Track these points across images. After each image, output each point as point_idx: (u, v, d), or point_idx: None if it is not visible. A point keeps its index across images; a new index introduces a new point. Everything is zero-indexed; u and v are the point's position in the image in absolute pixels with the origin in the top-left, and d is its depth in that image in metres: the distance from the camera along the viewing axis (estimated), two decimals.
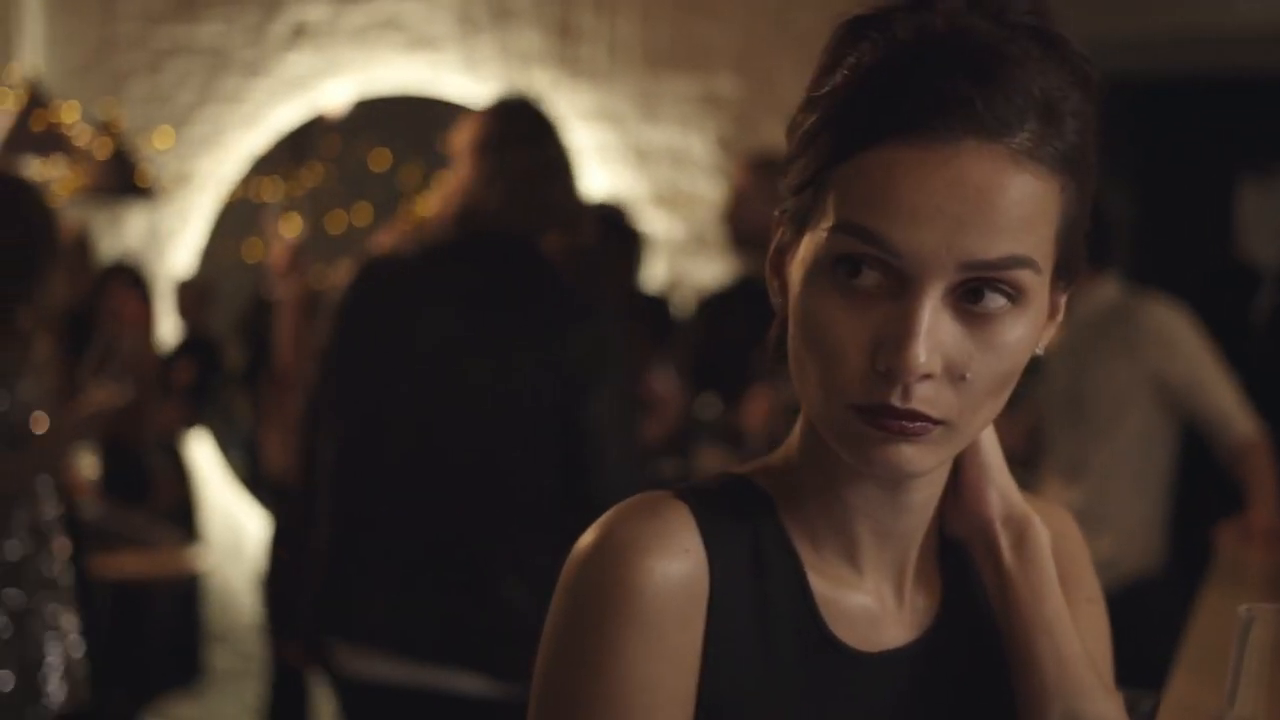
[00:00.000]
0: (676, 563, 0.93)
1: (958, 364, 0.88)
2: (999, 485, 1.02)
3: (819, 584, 0.98)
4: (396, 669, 2.46)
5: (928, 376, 0.88)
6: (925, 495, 1.00)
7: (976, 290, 0.88)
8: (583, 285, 2.63)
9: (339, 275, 2.72)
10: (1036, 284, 0.90)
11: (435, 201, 2.66)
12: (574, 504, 2.42)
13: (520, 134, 2.57)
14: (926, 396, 0.88)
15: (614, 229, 3.76)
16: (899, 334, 0.87)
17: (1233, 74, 6.34)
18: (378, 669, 2.47)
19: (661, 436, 3.38)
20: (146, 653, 4.65)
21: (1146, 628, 3.52)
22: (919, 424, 0.89)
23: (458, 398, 2.46)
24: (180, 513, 5.15)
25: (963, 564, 1.05)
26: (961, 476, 1.03)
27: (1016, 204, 0.87)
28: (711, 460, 3.39)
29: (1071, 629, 1.00)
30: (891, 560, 1.01)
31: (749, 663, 0.95)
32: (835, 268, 0.89)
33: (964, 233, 0.86)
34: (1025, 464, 3.69)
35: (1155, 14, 5.37)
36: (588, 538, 0.95)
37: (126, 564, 4.37)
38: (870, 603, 1.00)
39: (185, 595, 5.04)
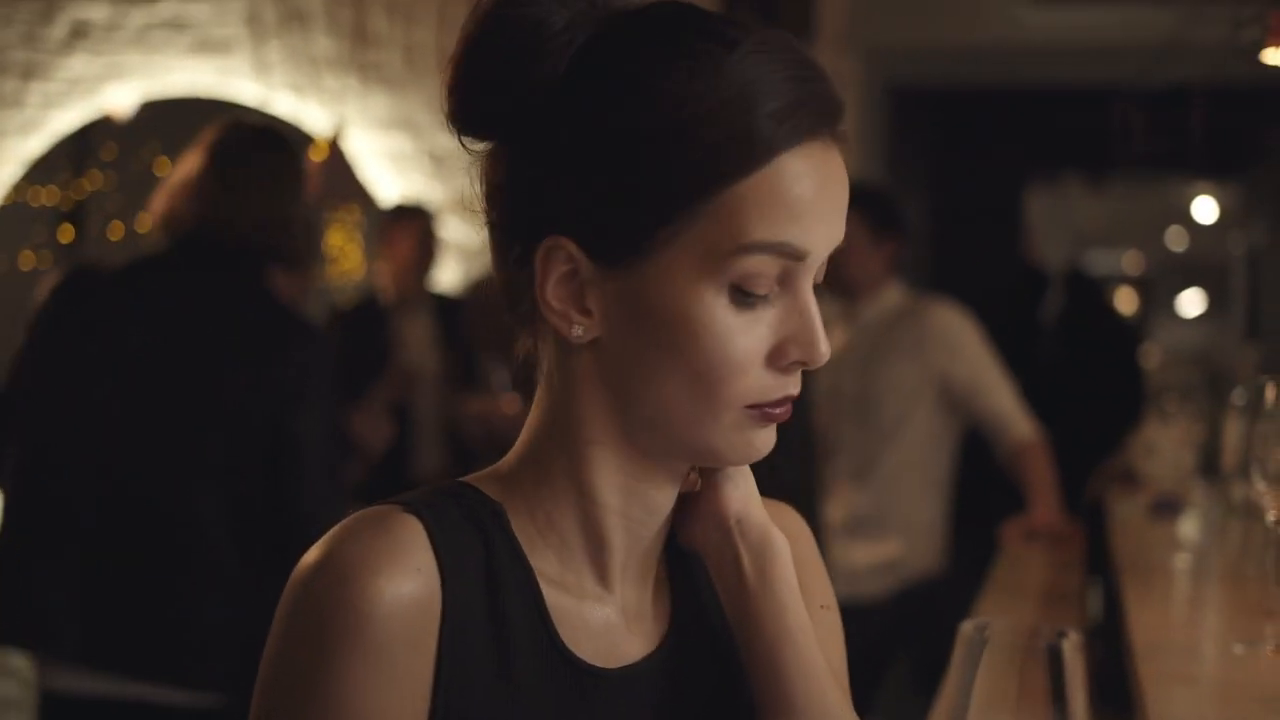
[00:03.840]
0: (408, 583, 0.88)
1: None
2: (740, 487, 1.00)
3: (555, 598, 0.95)
4: (94, 682, 2.43)
5: None
6: (673, 497, 0.99)
7: None
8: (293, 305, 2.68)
9: (46, 284, 2.65)
10: None
11: (156, 207, 2.62)
12: (276, 516, 2.49)
13: (247, 152, 2.58)
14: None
15: None
16: (804, 329, 0.91)
17: (1019, 85, 6.54)
18: (76, 683, 2.43)
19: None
20: None
21: (931, 629, 3.59)
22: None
23: (155, 407, 2.47)
24: None
25: (691, 573, 1.03)
26: (703, 478, 1.00)
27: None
28: None
29: (814, 641, 0.98)
30: (638, 568, 0.99)
31: (485, 684, 0.91)
32: (737, 285, 0.89)
33: (838, 223, 0.92)
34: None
35: (945, 27, 5.51)
36: (312, 555, 0.90)
37: None
38: (611, 614, 0.97)
39: None
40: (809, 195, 0.89)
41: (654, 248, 0.89)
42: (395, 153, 5.52)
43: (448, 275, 5.28)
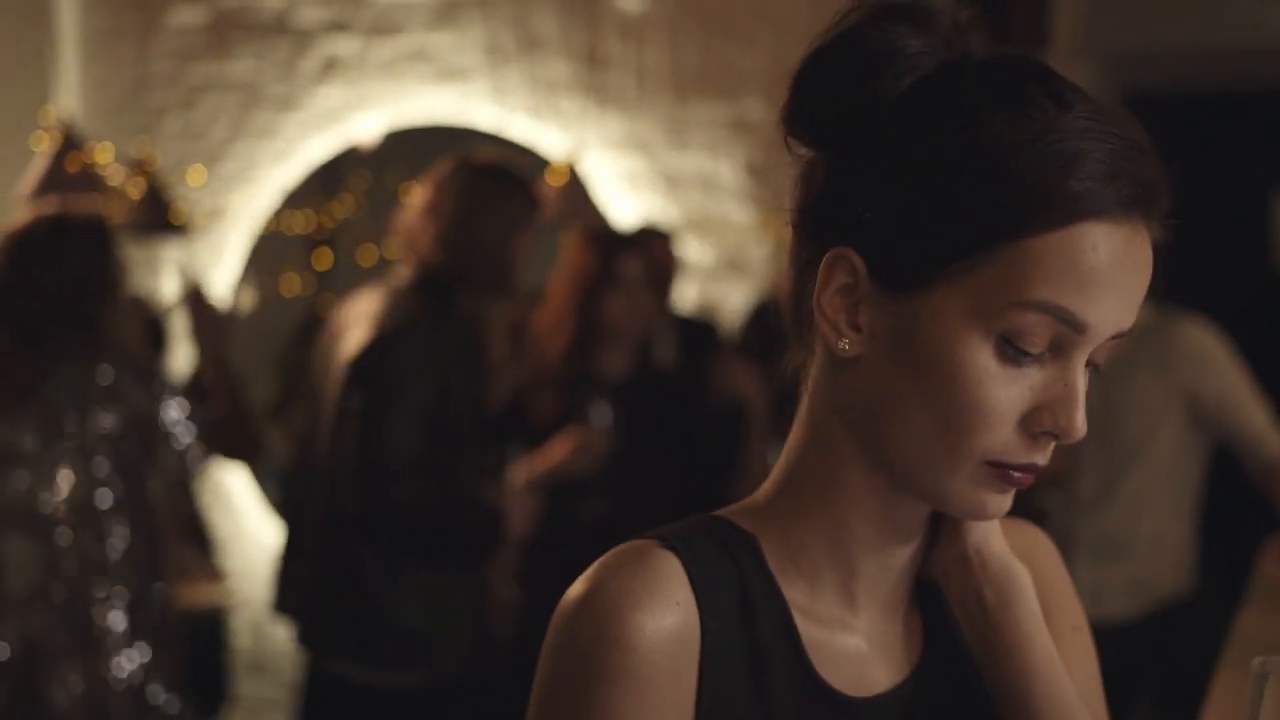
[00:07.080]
0: (668, 617, 0.91)
1: None
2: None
3: (808, 627, 0.96)
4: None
5: None
6: (923, 527, 1.00)
7: None
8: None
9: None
10: None
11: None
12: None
13: (468, 190, 2.84)
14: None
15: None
16: (1064, 401, 0.90)
17: (1264, 86, 6.31)
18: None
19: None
20: None
21: (1181, 650, 3.50)
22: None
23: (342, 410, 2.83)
24: (197, 541, 5.13)
25: (940, 602, 1.03)
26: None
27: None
28: None
29: (1063, 671, 0.98)
30: (885, 596, 0.99)
31: (743, 713, 0.94)
32: (1006, 338, 0.89)
33: (1129, 308, 0.91)
34: (1057, 483, 3.66)
35: (1184, 30, 5.35)
36: (576, 590, 0.93)
37: None
38: (861, 643, 0.98)
39: (210, 625, 5.02)
40: (1102, 268, 0.88)
41: (935, 282, 0.89)
42: (629, 173, 5.62)
43: (685, 296, 5.35)
